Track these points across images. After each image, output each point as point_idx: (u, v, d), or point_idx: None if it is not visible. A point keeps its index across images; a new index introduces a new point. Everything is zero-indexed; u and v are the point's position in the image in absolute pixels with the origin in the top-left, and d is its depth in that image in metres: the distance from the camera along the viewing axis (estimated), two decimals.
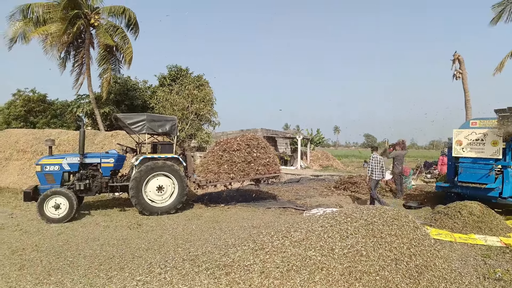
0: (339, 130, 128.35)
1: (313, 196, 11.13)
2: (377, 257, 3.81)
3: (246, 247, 4.08)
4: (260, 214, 8.15)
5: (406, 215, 4.79)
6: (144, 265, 4.36)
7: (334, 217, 4.53)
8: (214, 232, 6.23)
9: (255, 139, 9.31)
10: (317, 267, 3.57)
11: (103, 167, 8.00)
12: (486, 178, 7.71)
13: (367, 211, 4.70)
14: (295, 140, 26.56)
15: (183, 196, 7.97)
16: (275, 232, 4.42)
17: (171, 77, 20.74)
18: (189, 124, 17.96)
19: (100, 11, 19.00)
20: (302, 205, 9.38)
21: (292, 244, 3.96)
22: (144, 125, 7.96)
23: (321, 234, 4.12)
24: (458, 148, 8.25)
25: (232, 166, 8.75)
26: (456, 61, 14.90)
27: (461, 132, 8.22)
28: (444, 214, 7.20)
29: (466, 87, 14.98)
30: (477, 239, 6.08)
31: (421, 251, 4.19)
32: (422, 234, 4.57)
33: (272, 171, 9.18)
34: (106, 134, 13.67)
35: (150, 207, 7.68)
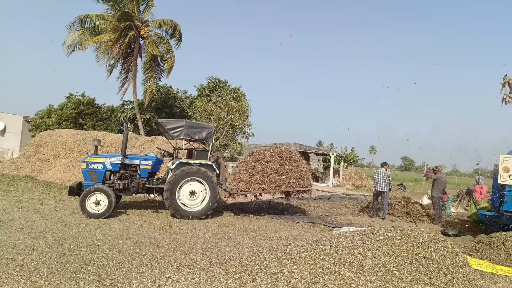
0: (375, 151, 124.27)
1: (344, 215, 10.86)
2: (410, 279, 3.66)
3: (274, 256, 4.09)
4: (288, 227, 8.09)
5: (444, 239, 4.57)
6: (174, 264, 4.50)
7: (365, 234, 4.43)
8: (242, 240, 6.27)
9: (288, 152, 9.33)
10: (346, 283, 3.50)
11: (142, 169, 8.39)
12: None
13: (402, 232, 4.53)
14: (328, 157, 26.15)
15: (214, 203, 8.12)
16: (303, 244, 4.40)
17: (210, 88, 21.46)
18: (224, 134, 18.37)
19: (150, 23, 20.24)
20: (332, 222, 9.18)
21: (321, 257, 3.91)
22: (183, 131, 8.29)
23: (352, 250, 4.04)
24: (505, 175, 7.72)
25: (264, 177, 8.81)
26: (506, 85, 14.05)
27: (509, 159, 7.71)
28: (486, 244, 6.74)
29: None
30: None
31: (458, 279, 3.96)
32: (461, 261, 4.32)
33: (303, 185, 9.12)
34: (146, 138, 14.34)
35: (182, 210, 7.90)
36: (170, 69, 20.27)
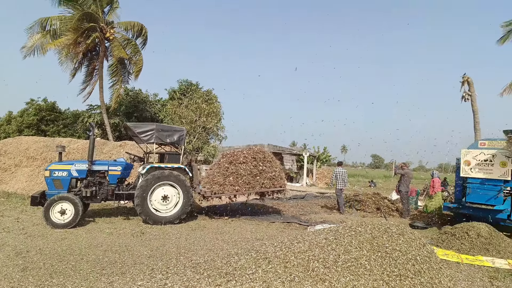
0: (346, 150, 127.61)
1: (318, 213, 11.03)
2: (381, 271, 3.76)
3: (249, 257, 4.07)
4: (264, 227, 8.10)
5: (412, 232, 4.73)
6: (145, 271, 4.35)
7: (338, 230, 4.50)
8: (217, 242, 6.20)
9: (261, 153, 9.35)
10: (320, 279, 3.54)
11: (110, 175, 8.08)
12: (495, 200, 7.59)
13: (372, 226, 4.65)
14: (302, 157, 26.51)
15: (188, 207, 7.97)
16: (278, 243, 4.40)
17: (181, 91, 21.13)
18: (197, 137, 18.14)
19: (116, 25, 19.64)
20: (306, 221, 9.29)
21: (295, 255, 3.93)
22: (153, 134, 8.09)
23: (325, 246, 4.09)
24: (466, 168, 8.17)
25: (238, 179, 8.76)
26: (465, 83, 14.93)
27: (470, 152, 8.16)
28: (451, 235, 7.07)
29: (475, 108, 14.93)
30: (484, 261, 5.93)
31: (427, 269, 4.12)
32: (428, 251, 4.50)
33: (277, 185, 9.16)
34: (115, 144, 13.86)
35: (155, 216, 7.70)
36: (138, 72, 19.76)
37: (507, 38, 14.85)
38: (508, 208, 7.51)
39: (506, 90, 15.74)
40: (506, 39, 14.89)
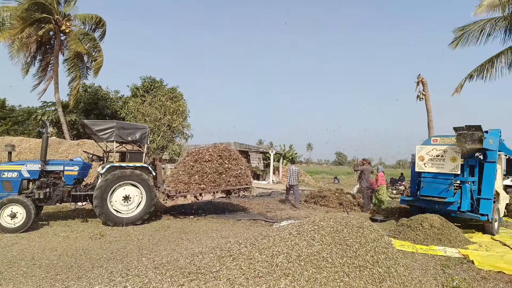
0: (312, 148, 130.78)
1: (284, 209, 11.18)
2: (342, 263, 3.88)
3: (213, 255, 4.02)
4: (230, 225, 8.07)
5: (371, 225, 4.92)
6: (104, 275, 4.15)
7: (301, 226, 4.59)
8: (181, 242, 6.08)
9: (227, 150, 9.30)
10: (284, 273, 3.58)
11: (66, 175, 7.64)
12: (446, 193, 8.11)
13: (334, 220, 4.79)
14: (268, 155, 26.75)
15: (151, 207, 7.74)
16: (243, 240, 4.40)
17: (145, 88, 20.45)
18: (161, 135, 17.67)
19: (72, 18, 18.59)
20: (272, 218, 9.39)
21: (259, 251, 3.95)
22: (113, 132, 7.74)
23: (288, 241, 4.14)
24: (420, 163, 8.66)
25: (203, 177, 8.66)
26: (420, 83, 15.84)
27: (423, 148, 8.66)
28: (407, 227, 7.47)
29: (429, 107, 15.90)
30: (437, 250, 6.33)
31: (384, 259, 4.31)
32: (386, 243, 4.71)
33: (243, 183, 9.16)
34: (72, 142, 13.14)
35: (115, 217, 7.39)
36: (98, 68, 18.84)
37: (458, 43, 15.92)
38: (458, 200, 8.05)
39: (458, 90, 16.89)
40: (457, 44, 15.97)
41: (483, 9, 14.00)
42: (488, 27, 15.00)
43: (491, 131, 8.12)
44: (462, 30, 15.79)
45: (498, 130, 8.36)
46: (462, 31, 15.79)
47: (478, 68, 16.19)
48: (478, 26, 15.22)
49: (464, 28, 15.72)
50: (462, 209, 8.00)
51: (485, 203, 7.90)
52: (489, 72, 15.80)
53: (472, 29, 15.38)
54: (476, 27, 15.28)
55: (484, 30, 15.10)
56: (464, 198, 7.99)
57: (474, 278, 4.80)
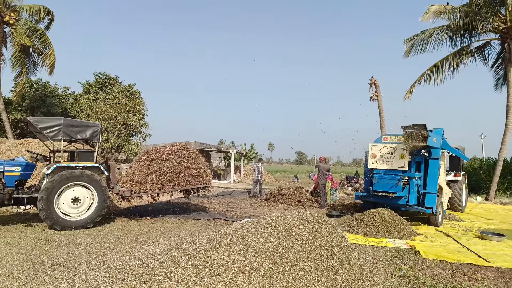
0: (273, 147, 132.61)
1: (244, 208, 11.20)
2: (298, 258, 3.94)
3: (168, 255, 3.90)
4: (188, 225, 7.90)
5: (326, 220, 5.07)
6: (48, 281, 3.85)
7: (259, 222, 4.60)
8: (136, 244, 5.83)
9: (186, 149, 9.10)
10: (240, 270, 3.55)
11: (7, 177, 7.01)
12: (395, 188, 8.60)
13: (291, 216, 4.86)
14: (229, 155, 26.66)
15: (103, 209, 7.35)
16: (199, 239, 4.31)
17: (98, 85, 19.40)
18: (116, 134, 16.88)
19: (17, 8, 17.14)
20: (232, 216, 9.36)
21: (216, 249, 3.89)
22: (60, 130, 7.23)
23: (246, 238, 4.13)
24: (372, 160, 9.10)
25: (161, 177, 8.39)
26: (373, 85, 16.69)
27: (375, 146, 9.11)
28: (361, 221, 7.82)
29: (381, 108, 16.81)
30: (387, 242, 6.68)
31: (338, 252, 4.46)
32: (340, 236, 4.88)
33: (203, 182, 9.02)
34: (15, 142, 12.11)
35: (63, 221, 6.91)
36: (52, 65, 17.43)
37: (410, 52, 17.01)
38: (406, 194, 8.57)
39: (407, 95, 18.02)
40: (409, 53, 17.07)
41: (429, 15, 15.04)
42: (435, 35, 16.17)
43: (435, 130, 8.74)
44: (411, 40, 16.89)
45: (441, 129, 9.02)
46: (412, 40, 16.88)
47: (426, 73, 17.40)
48: (426, 35, 16.36)
49: (413, 38, 16.83)
50: (410, 203, 8.52)
51: (430, 197, 8.48)
52: (436, 76, 17.04)
53: (420, 38, 16.51)
54: (424, 36, 16.42)
55: (431, 38, 16.26)
56: (411, 192, 8.52)
57: (419, 267, 5.12)
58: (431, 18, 15.13)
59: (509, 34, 14.89)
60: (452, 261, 5.46)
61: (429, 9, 14.92)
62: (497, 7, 14.84)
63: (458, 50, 16.63)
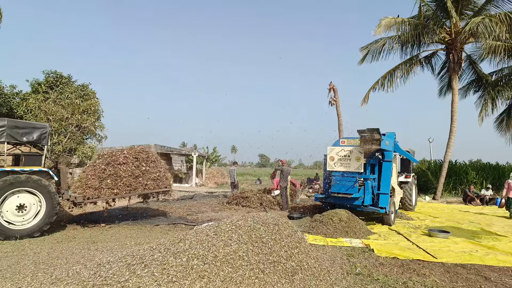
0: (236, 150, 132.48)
1: (206, 212, 11.04)
2: (258, 261, 3.96)
3: (122, 263, 3.73)
4: (146, 231, 7.62)
5: (286, 222, 5.15)
6: None
7: (219, 226, 4.56)
8: (88, 253, 5.51)
9: (144, 152, 8.79)
10: (199, 276, 3.50)
11: None
12: (352, 189, 8.95)
13: (252, 219, 4.88)
14: (191, 158, 26.19)
15: (52, 216, 6.86)
16: (157, 245, 4.18)
17: (48, 84, 18.12)
18: (69, 136, 15.89)
19: None
20: (193, 221, 9.18)
21: (174, 255, 3.80)
22: (3, 132, 6.65)
23: (205, 243, 4.08)
24: (331, 163, 9.41)
25: (117, 181, 8.02)
26: (331, 90, 17.30)
27: (333, 149, 9.44)
28: (320, 222, 8.03)
29: (339, 112, 17.47)
30: (344, 242, 6.93)
31: (297, 253, 4.54)
32: (299, 238, 4.97)
33: (162, 186, 8.76)
34: None
35: (7, 230, 6.35)
36: None
37: (364, 59, 17.89)
38: (362, 195, 8.95)
39: (364, 100, 18.92)
40: (363, 60, 17.94)
41: (381, 29, 15.94)
42: (387, 45, 17.17)
43: (387, 134, 9.24)
44: (366, 48, 17.78)
45: (393, 133, 9.56)
46: (366, 49, 17.77)
47: (380, 80, 18.39)
48: (379, 44, 17.32)
49: (367, 46, 17.74)
50: (365, 203, 8.92)
51: (383, 198, 8.94)
52: (389, 83, 18.07)
53: (375, 47, 17.44)
54: (378, 45, 17.37)
55: (384, 47, 17.25)
56: (366, 193, 8.92)
57: (373, 265, 5.36)
58: (383, 31, 16.06)
59: (453, 45, 16.20)
60: (403, 258, 5.78)
61: (380, 23, 15.82)
62: (443, 20, 16.13)
63: (408, 59, 17.81)
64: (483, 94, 18.65)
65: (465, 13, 16.37)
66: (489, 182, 18.34)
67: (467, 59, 18.08)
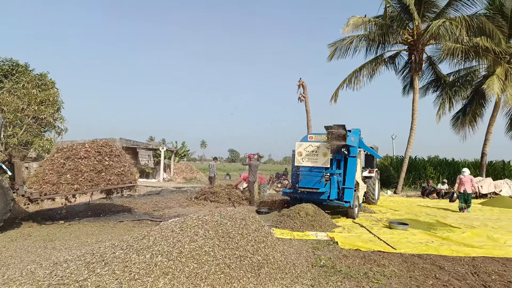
0: (206, 145, 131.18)
1: (173, 207, 10.84)
2: (224, 256, 3.94)
3: (81, 262, 3.57)
4: (109, 228, 7.35)
5: (253, 217, 5.16)
6: None
7: (185, 222, 4.48)
8: (45, 251, 5.22)
9: (107, 146, 8.44)
10: (163, 272, 3.42)
11: None
12: (319, 184, 9.15)
13: (219, 214, 4.84)
14: (159, 152, 25.57)
15: (5, 213, 6.42)
16: (119, 242, 4.04)
17: (3, 73, 16.88)
18: (25, 129, 14.93)
19: None
20: (159, 216, 8.98)
21: (137, 252, 3.68)
22: None
23: (171, 239, 3.99)
24: (299, 158, 9.56)
25: (78, 176, 7.65)
26: (301, 86, 17.55)
27: (301, 145, 9.58)
28: (287, 216, 8.16)
29: (308, 108, 17.76)
30: (310, 235, 7.09)
31: (263, 247, 4.58)
32: (266, 232, 5.01)
33: (127, 181, 8.47)
34: None
35: None
36: None
37: (332, 56, 18.26)
38: (328, 190, 9.19)
39: (333, 98, 19.37)
40: (332, 57, 18.31)
41: (349, 28, 16.36)
42: (355, 43, 17.65)
43: (353, 130, 9.53)
44: (334, 45, 18.16)
45: (358, 129, 9.88)
46: (334, 46, 18.16)
47: (348, 78, 18.89)
48: (347, 41, 17.75)
49: (335, 43, 18.13)
50: (331, 197, 9.17)
51: (348, 192, 9.22)
52: (356, 82, 18.62)
53: (342, 44, 17.85)
54: (346, 43, 17.79)
55: (351, 45, 17.72)
56: (332, 188, 9.16)
57: (337, 257, 5.53)
58: (351, 30, 16.48)
59: (415, 46, 16.98)
60: (365, 250, 6.01)
61: (349, 21, 16.21)
62: (407, 21, 16.82)
63: (374, 58, 18.45)
64: (441, 94, 19.80)
65: (427, 16, 17.18)
66: (445, 177, 19.52)
67: (427, 60, 19.03)
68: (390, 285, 4.33)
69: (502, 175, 20.13)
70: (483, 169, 18.85)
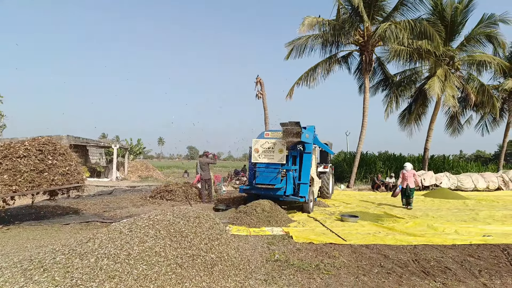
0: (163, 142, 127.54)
1: (126, 207, 10.39)
2: (175, 255, 3.85)
3: (17, 269, 3.29)
4: (53, 232, 6.86)
5: (208, 214, 5.10)
6: None
7: (135, 222, 4.31)
8: None
9: (51, 144, 7.85)
10: (109, 276, 3.26)
11: None
12: (275, 180, 9.30)
13: (171, 213, 4.72)
14: (111, 150, 24.36)
15: None
16: (61, 247, 3.78)
17: None
18: None
19: None
20: (110, 217, 8.56)
21: (80, 257, 3.47)
22: None
23: (118, 241, 3.82)
24: (256, 155, 9.63)
25: (16, 176, 7.02)
26: (258, 84, 17.68)
27: (258, 142, 9.66)
28: (244, 213, 8.19)
29: (265, 105, 17.96)
30: (266, 231, 7.18)
31: (217, 245, 4.54)
32: (220, 229, 4.98)
33: (73, 181, 7.95)
34: None
35: None
36: None
37: (289, 55, 18.61)
38: (284, 186, 9.36)
39: (289, 94, 19.74)
40: (289, 55, 18.66)
41: (305, 28, 16.79)
42: (310, 42, 18.13)
43: (308, 127, 9.79)
44: (291, 44, 18.52)
45: (313, 126, 10.17)
46: (291, 45, 18.51)
47: (303, 76, 19.36)
48: (303, 41, 18.18)
49: (292, 42, 18.49)
50: (287, 193, 9.35)
51: (303, 187, 9.48)
52: (311, 79, 19.15)
53: (299, 43, 18.26)
54: (301, 42, 18.21)
55: (307, 44, 18.18)
56: (288, 184, 9.36)
57: (291, 251, 5.66)
58: (307, 30, 16.93)
59: (366, 47, 17.83)
60: (317, 242, 6.22)
61: (304, 21, 16.64)
62: (358, 23, 17.60)
63: (328, 58, 19.09)
64: (389, 93, 21.06)
65: (376, 18, 18.11)
66: (393, 171, 20.84)
67: (377, 61, 20.12)
68: (339, 275, 4.52)
69: (442, 168, 21.95)
70: (426, 163, 20.40)
